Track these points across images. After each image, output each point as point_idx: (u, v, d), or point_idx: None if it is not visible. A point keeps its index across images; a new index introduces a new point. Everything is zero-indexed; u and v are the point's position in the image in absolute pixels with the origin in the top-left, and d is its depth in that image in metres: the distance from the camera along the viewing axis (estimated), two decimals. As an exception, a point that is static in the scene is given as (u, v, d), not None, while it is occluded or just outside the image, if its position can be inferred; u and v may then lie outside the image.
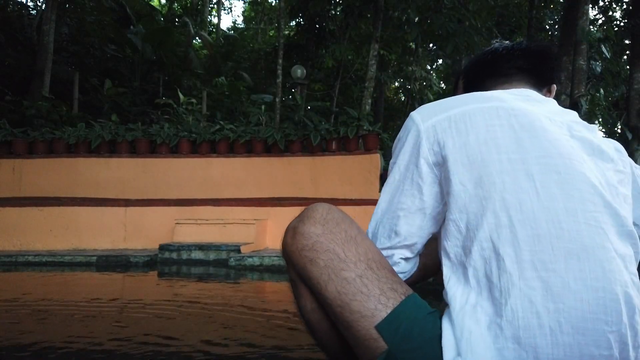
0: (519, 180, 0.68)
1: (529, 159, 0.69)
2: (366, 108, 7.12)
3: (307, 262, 0.76)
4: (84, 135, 5.31)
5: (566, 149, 0.71)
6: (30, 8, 11.49)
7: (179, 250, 4.29)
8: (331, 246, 0.75)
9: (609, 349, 0.61)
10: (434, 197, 0.78)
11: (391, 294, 0.72)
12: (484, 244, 0.67)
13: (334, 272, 0.74)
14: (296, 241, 0.78)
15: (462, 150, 0.72)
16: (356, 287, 0.72)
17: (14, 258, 4.18)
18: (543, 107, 0.79)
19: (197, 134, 5.33)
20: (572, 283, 0.63)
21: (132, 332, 1.91)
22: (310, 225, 0.78)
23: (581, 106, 6.49)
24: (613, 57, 8.75)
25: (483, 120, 0.73)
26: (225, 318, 2.18)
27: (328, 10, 9.85)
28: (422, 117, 0.79)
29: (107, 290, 3.14)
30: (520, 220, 0.66)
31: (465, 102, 0.78)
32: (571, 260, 0.64)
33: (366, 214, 4.78)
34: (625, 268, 0.66)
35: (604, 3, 10.28)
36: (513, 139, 0.71)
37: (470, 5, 7.97)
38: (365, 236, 0.82)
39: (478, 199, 0.69)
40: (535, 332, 0.61)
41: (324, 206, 0.81)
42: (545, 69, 0.94)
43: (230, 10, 32.89)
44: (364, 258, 0.75)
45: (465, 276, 0.70)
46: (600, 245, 0.65)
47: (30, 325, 2.04)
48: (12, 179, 5.30)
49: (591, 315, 0.62)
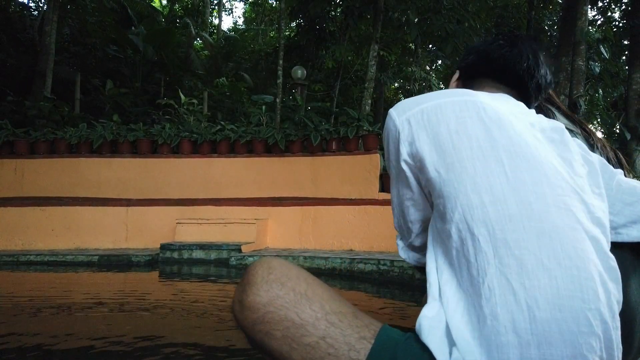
0: (489, 165, 0.71)
1: (498, 147, 0.72)
2: (366, 108, 7.14)
3: (263, 337, 0.71)
4: (85, 136, 5.34)
5: (532, 141, 0.74)
6: (32, 9, 11.51)
7: (180, 250, 4.32)
8: (283, 313, 0.70)
9: (589, 326, 0.62)
10: (425, 190, 0.82)
11: (360, 345, 0.69)
12: (460, 225, 0.69)
13: (295, 340, 0.70)
14: (245, 316, 0.73)
15: (435, 139, 0.75)
16: (322, 350, 0.68)
17: (16, 258, 4.21)
18: (510, 107, 0.83)
19: (198, 134, 5.36)
20: (545, 261, 0.64)
21: (132, 331, 1.92)
22: (254, 294, 0.72)
23: (580, 106, 6.51)
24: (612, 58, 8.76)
25: (453, 113, 0.77)
26: (225, 317, 2.20)
27: (328, 12, 9.87)
28: (397, 113, 0.83)
29: (108, 289, 3.16)
30: (491, 202, 0.68)
31: (438, 97, 0.82)
32: (543, 238, 0.65)
33: (366, 214, 4.82)
34: (596, 252, 0.68)
35: (603, 4, 10.30)
36: (482, 129, 0.74)
37: (469, 6, 7.99)
38: (315, 285, 0.76)
39: (451, 183, 0.72)
40: (513, 307, 0.62)
41: (262, 265, 0.76)
42: (537, 98, 0.98)
43: (231, 11, 32.84)
44: (322, 314, 0.71)
45: (450, 258, 0.72)
46: (571, 226, 0.67)
47: (31, 325, 2.06)
48: (14, 179, 5.33)
49: (567, 292, 0.62)
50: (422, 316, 0.71)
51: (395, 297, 3.01)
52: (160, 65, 10.49)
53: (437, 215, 0.77)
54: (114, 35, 10.21)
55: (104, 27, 10.60)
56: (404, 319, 2.34)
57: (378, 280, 3.51)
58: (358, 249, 4.72)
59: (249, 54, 14.13)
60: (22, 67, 9.13)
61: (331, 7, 9.76)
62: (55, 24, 7.71)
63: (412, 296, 2.94)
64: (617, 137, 9.26)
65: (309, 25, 10.00)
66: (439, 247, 0.77)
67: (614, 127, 10.24)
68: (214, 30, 17.49)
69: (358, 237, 4.76)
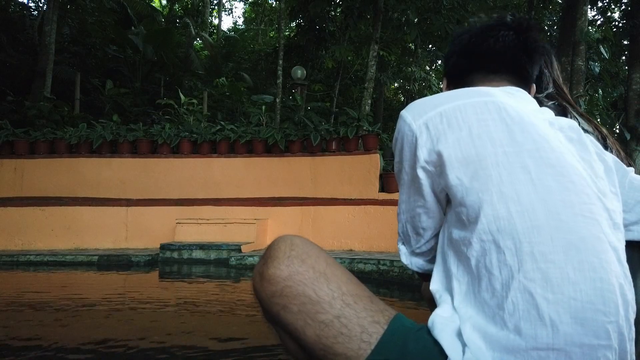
0: (515, 172, 0.68)
1: (522, 152, 0.70)
2: (366, 108, 7.15)
3: (279, 309, 0.73)
4: (85, 136, 5.34)
5: (555, 142, 0.72)
6: (32, 9, 11.52)
7: (180, 250, 4.32)
8: (301, 289, 0.71)
9: (607, 339, 0.62)
10: (440, 197, 0.80)
11: (373, 329, 0.69)
12: (484, 236, 0.67)
13: (310, 316, 0.70)
14: (264, 288, 0.74)
15: (456, 145, 0.72)
16: (336, 329, 0.69)
17: (16, 258, 4.20)
18: (527, 105, 0.80)
19: (198, 135, 5.36)
20: (571, 274, 0.63)
21: (132, 331, 1.92)
22: (275, 268, 0.73)
23: (580, 107, 6.50)
24: (612, 58, 8.76)
25: (474, 115, 0.73)
26: (226, 317, 2.20)
27: (328, 12, 9.87)
28: (413, 116, 0.77)
29: (108, 289, 3.16)
30: (518, 212, 0.66)
31: (456, 98, 0.77)
32: (570, 251, 0.64)
33: (366, 214, 4.82)
34: (617, 260, 0.68)
35: (603, 4, 10.30)
36: (506, 132, 0.71)
37: (469, 6, 7.99)
38: (334, 266, 0.77)
39: (475, 192, 0.69)
40: (536, 322, 0.62)
41: (285, 241, 0.77)
42: (532, 71, 0.94)
43: (231, 12, 32.87)
44: (338, 294, 0.72)
45: (468, 267, 0.70)
46: (596, 236, 0.66)
47: (30, 326, 2.06)
48: (13, 179, 5.33)
49: (590, 306, 0.62)
50: (436, 314, 0.71)
51: (395, 297, 3.01)
52: (160, 65, 10.50)
53: (455, 222, 0.74)
54: (113, 35, 10.23)
55: (104, 27, 10.62)
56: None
57: (378, 280, 3.51)
58: (358, 249, 4.72)
59: (249, 54, 14.15)
60: (22, 67, 9.13)
61: (331, 7, 9.76)
62: (55, 24, 7.71)
63: (412, 296, 2.94)
64: (617, 137, 9.27)
65: (309, 25, 10.00)
66: (452, 255, 0.75)
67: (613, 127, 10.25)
68: (213, 30, 17.50)
69: (358, 237, 4.76)
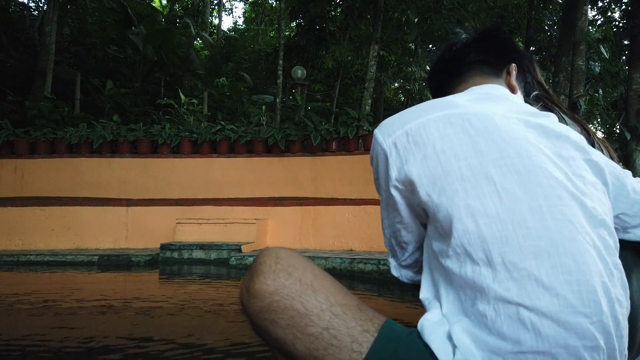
0: (479, 184, 0.69)
1: (487, 162, 0.70)
2: (366, 108, 7.15)
3: (268, 324, 0.73)
4: (85, 136, 5.35)
5: (523, 146, 0.72)
6: (32, 9, 11.52)
7: (180, 250, 4.32)
8: (288, 302, 0.72)
9: (593, 340, 0.62)
10: (418, 211, 0.81)
11: (363, 337, 0.70)
12: (457, 250, 0.69)
13: (299, 330, 0.71)
14: (251, 304, 0.73)
15: (424, 163, 0.73)
16: (326, 341, 0.70)
17: (16, 257, 4.21)
18: (498, 106, 0.80)
19: (198, 134, 5.36)
20: (545, 280, 0.63)
21: (132, 331, 1.93)
22: (261, 283, 0.73)
23: (580, 106, 6.52)
24: (612, 58, 8.75)
25: (437, 131, 0.75)
26: (226, 317, 2.21)
27: (328, 12, 9.87)
28: (383, 136, 0.79)
29: (108, 289, 3.16)
30: (486, 224, 0.67)
31: (421, 114, 0.79)
32: (541, 257, 0.65)
33: (366, 214, 4.82)
34: (599, 259, 0.67)
35: (603, 4, 10.31)
36: (469, 144, 0.72)
37: (469, 6, 8.00)
38: (321, 277, 0.77)
39: (444, 208, 0.70)
40: (518, 328, 0.62)
41: (270, 255, 0.77)
42: (497, 53, 0.95)
43: (231, 11, 32.87)
44: (326, 305, 0.72)
45: (449, 277, 0.71)
46: (571, 238, 0.66)
47: (30, 326, 2.07)
48: (14, 179, 5.33)
49: (569, 309, 0.62)
50: (425, 319, 0.71)
51: (395, 297, 3.02)
52: (160, 65, 10.50)
53: (434, 234, 0.75)
54: (114, 35, 10.22)
55: (104, 27, 10.62)
56: (403, 319, 2.35)
57: (378, 280, 3.51)
58: (358, 249, 4.72)
59: (249, 54, 14.15)
60: (22, 67, 9.14)
61: (331, 7, 9.76)
62: (55, 24, 7.71)
63: (412, 296, 2.94)
64: (617, 137, 9.26)
65: (309, 25, 10.01)
66: (436, 266, 0.76)
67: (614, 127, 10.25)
68: (214, 30, 17.50)
69: (358, 237, 4.76)
